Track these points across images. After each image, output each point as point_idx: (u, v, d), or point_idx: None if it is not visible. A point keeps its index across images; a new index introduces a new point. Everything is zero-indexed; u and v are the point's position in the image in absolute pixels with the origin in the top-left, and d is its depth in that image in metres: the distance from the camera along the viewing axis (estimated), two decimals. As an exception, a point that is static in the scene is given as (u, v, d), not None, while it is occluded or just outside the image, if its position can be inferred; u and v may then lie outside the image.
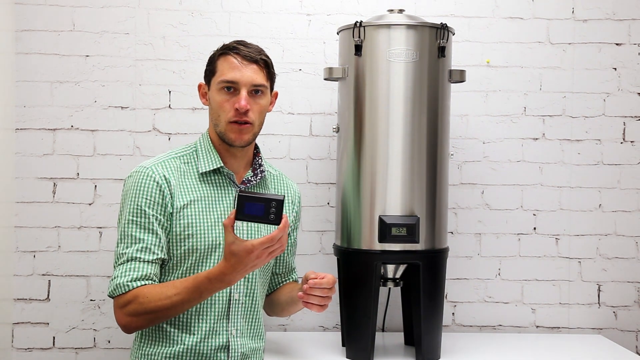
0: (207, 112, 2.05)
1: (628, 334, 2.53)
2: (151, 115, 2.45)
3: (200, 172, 1.94)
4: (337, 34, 2.19)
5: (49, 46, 2.42)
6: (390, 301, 2.43)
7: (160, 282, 1.89)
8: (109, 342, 2.45)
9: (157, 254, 1.86)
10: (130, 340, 2.44)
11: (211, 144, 1.98)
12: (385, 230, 2.02)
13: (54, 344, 2.44)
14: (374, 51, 2.06)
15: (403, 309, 2.33)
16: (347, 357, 2.11)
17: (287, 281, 2.19)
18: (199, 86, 2.02)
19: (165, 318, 1.85)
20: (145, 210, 1.85)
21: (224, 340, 1.92)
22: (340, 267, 2.18)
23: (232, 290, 1.93)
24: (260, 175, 2.01)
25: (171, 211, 1.88)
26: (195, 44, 2.44)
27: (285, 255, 2.15)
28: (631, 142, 2.52)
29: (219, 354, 1.91)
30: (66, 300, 2.44)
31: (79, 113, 2.43)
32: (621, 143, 2.52)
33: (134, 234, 1.85)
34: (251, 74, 1.91)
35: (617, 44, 2.51)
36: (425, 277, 2.06)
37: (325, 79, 2.21)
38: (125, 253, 1.84)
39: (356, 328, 2.08)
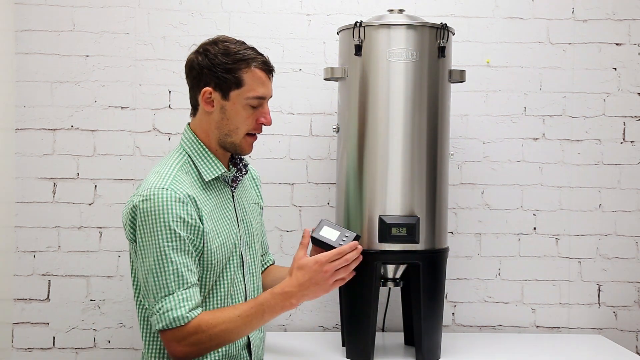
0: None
1: (628, 334, 2.53)
2: (151, 115, 2.45)
3: (206, 180, 1.86)
4: (337, 34, 2.19)
5: (49, 46, 2.42)
6: (390, 301, 2.43)
7: None
8: (109, 342, 2.45)
9: (197, 275, 1.78)
10: (131, 341, 2.44)
11: (207, 150, 1.88)
12: (385, 230, 2.02)
13: (54, 344, 2.44)
14: (374, 51, 2.06)
15: (403, 309, 2.33)
16: (347, 357, 2.11)
17: (267, 262, 2.18)
18: (205, 91, 1.84)
19: (226, 342, 1.79)
20: (179, 234, 1.73)
21: (246, 337, 1.93)
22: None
23: (247, 288, 1.93)
24: (244, 170, 1.98)
25: (202, 228, 1.78)
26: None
27: (261, 235, 2.11)
28: (631, 142, 2.52)
29: (242, 353, 1.92)
30: (66, 300, 2.44)
31: (79, 113, 2.43)
32: (621, 143, 2.52)
33: (174, 259, 1.72)
34: (271, 87, 1.91)
35: (617, 44, 2.51)
36: (425, 277, 2.06)
37: (325, 79, 2.21)
38: (171, 281, 1.72)
39: (356, 328, 2.08)
